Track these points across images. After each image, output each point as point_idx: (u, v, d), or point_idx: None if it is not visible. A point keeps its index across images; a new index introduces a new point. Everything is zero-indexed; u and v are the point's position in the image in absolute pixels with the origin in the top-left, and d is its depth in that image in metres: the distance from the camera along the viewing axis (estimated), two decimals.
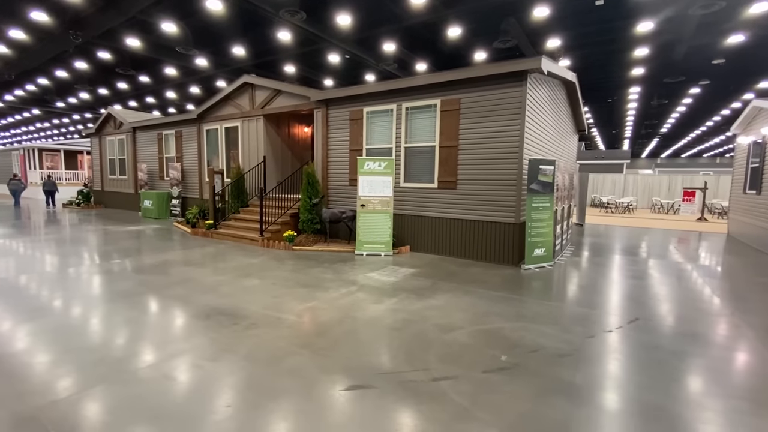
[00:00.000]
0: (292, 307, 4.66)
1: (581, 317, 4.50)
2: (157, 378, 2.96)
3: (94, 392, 2.76)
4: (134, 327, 3.96)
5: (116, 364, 3.18)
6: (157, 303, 4.71)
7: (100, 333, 3.80)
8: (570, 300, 5.16)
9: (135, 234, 10.05)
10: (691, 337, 3.99)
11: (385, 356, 3.41)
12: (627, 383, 3.04)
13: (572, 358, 3.45)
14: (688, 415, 2.63)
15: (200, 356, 3.33)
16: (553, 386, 2.96)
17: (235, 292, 5.22)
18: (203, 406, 2.62)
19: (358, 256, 7.70)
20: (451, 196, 7.73)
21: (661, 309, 4.85)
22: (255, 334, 3.84)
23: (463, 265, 7.13)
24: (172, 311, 4.44)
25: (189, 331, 3.88)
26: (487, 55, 18.01)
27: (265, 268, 6.55)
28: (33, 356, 3.28)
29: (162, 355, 3.33)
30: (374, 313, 4.51)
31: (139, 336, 3.74)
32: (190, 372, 3.06)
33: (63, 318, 4.17)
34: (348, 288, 5.49)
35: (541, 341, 3.81)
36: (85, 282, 5.57)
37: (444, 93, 7.65)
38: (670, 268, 7.12)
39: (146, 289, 5.24)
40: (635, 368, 3.29)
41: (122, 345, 3.53)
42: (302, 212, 8.97)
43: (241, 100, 11.28)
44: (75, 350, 3.41)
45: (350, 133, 9.01)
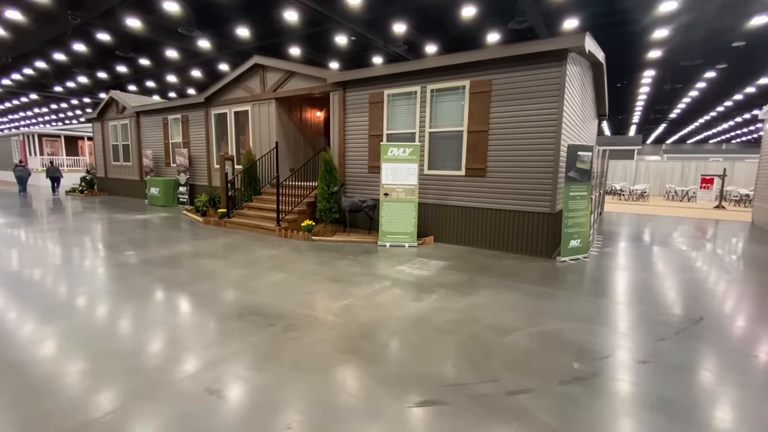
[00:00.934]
0: (327, 305, 4.32)
1: (639, 316, 4.17)
2: (200, 392, 2.63)
3: (133, 410, 2.43)
4: (164, 329, 3.62)
5: (152, 374, 2.84)
6: (183, 300, 4.37)
7: (128, 336, 3.46)
8: (620, 296, 4.83)
9: (145, 223, 9.69)
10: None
11: (446, 364, 3.08)
12: (737, 402, 2.71)
13: (652, 366, 3.12)
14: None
15: (242, 364, 3.00)
16: (647, 402, 2.63)
17: (263, 287, 4.88)
18: (260, 428, 2.29)
19: (381, 247, 7.35)
20: (479, 184, 7.33)
21: (721, 306, 4.52)
22: (295, 337, 3.51)
23: (493, 257, 6.79)
24: (202, 310, 4.10)
25: (224, 333, 3.55)
26: (500, 37, 17.36)
27: (288, 261, 6.21)
28: (58, 365, 2.94)
29: (200, 363, 3.00)
30: (417, 311, 4.18)
31: (171, 339, 3.40)
32: (235, 384, 2.73)
33: (84, 319, 3.84)
34: (381, 283, 5.15)
35: (609, 345, 3.48)
36: (102, 277, 5.22)
37: (474, 74, 7.18)
38: (711, 259, 6.78)
39: (169, 285, 4.90)
40: (733, 380, 2.96)
41: (155, 351, 3.20)
42: (320, 201, 8.58)
43: (251, 83, 10.77)
44: (103, 357, 3.07)
45: (369, 118, 8.56)
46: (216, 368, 2.94)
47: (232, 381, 2.78)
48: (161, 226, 9.37)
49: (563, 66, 6.34)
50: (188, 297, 4.49)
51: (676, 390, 2.78)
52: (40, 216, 10.62)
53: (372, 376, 2.87)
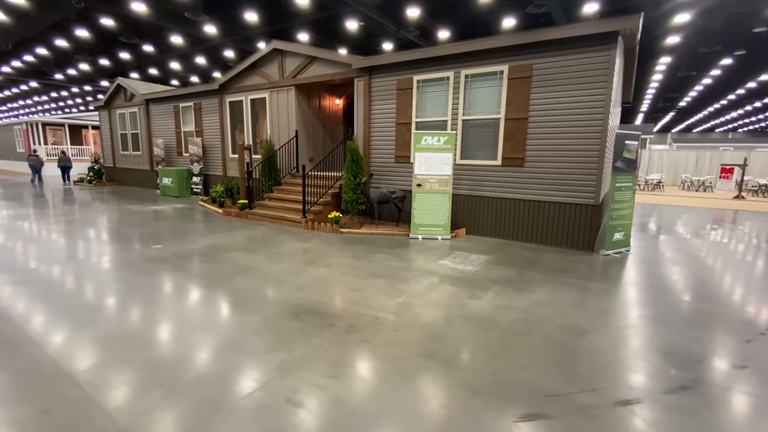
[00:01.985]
0: (382, 303, 4.09)
1: (712, 315, 3.94)
2: (282, 404, 2.40)
3: (215, 429, 2.19)
4: (218, 330, 3.39)
5: (217, 385, 2.61)
6: (229, 298, 4.13)
7: (181, 340, 3.22)
8: (682, 292, 4.59)
9: (163, 214, 9.42)
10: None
11: (534, 370, 2.85)
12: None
13: (752, 371, 2.90)
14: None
15: (315, 371, 2.77)
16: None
17: (308, 283, 4.64)
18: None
19: (413, 240, 7.11)
20: (517, 174, 7.05)
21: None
22: (361, 339, 3.27)
23: (533, 250, 6.55)
24: (253, 309, 3.86)
25: (283, 335, 3.31)
26: (516, 22, 16.87)
27: (324, 254, 5.96)
28: (106, 378, 2.71)
29: (270, 370, 2.77)
30: (479, 310, 3.94)
31: (230, 343, 3.17)
32: (316, 394, 2.50)
33: (124, 322, 3.60)
34: (428, 279, 4.91)
35: (694, 347, 3.25)
36: (136, 273, 4.98)
37: (513, 58, 6.84)
38: (759, 252, 6.54)
39: (209, 281, 4.66)
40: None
41: (214, 355, 2.96)
42: (345, 192, 8.31)
43: (269, 69, 10.39)
44: (156, 367, 2.84)
45: (397, 105, 8.23)
46: (289, 375, 2.71)
47: (312, 390, 2.55)
48: (181, 217, 9.10)
49: (612, 49, 6.01)
50: (234, 295, 4.25)
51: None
52: (56, 207, 10.34)
53: (462, 385, 2.64)
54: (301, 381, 2.65)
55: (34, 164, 16.83)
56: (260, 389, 2.55)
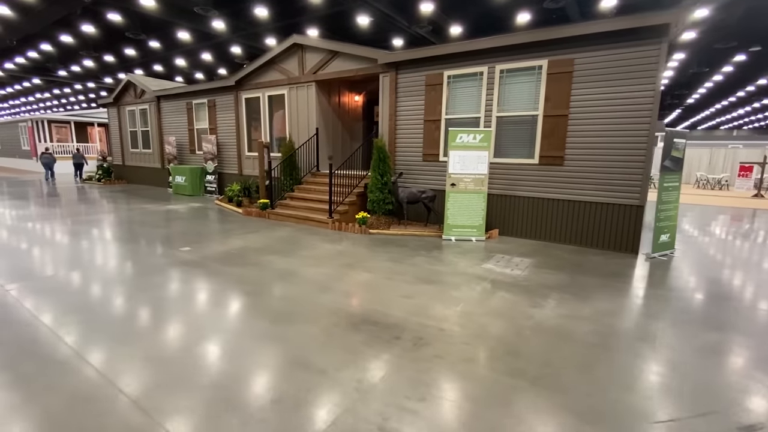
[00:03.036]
0: (440, 312, 3.84)
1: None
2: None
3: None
4: (277, 345, 3.14)
5: (297, 410, 2.36)
6: (278, 307, 3.88)
7: (238, 357, 2.98)
8: (753, 300, 4.34)
9: (181, 214, 9.16)
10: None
11: (634, 392, 2.61)
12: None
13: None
14: None
15: (398, 393, 2.53)
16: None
17: (355, 290, 4.39)
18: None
19: (446, 242, 6.86)
20: (555, 173, 6.79)
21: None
22: (434, 354, 3.03)
23: (575, 252, 6.30)
24: (306, 319, 3.61)
25: (350, 349, 3.07)
26: (530, 18, 16.56)
27: (361, 257, 5.71)
28: (169, 402, 2.46)
29: (347, 392, 2.52)
30: (546, 321, 3.70)
31: (293, 360, 2.92)
32: (409, 424, 2.26)
33: (171, 336, 3.35)
34: (480, 284, 4.66)
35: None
36: (170, 278, 4.73)
37: (553, 52, 6.56)
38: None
39: (250, 287, 4.41)
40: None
41: (283, 376, 2.72)
42: (372, 191, 8.04)
43: (288, 65, 10.10)
44: (222, 389, 2.59)
45: (425, 101, 7.95)
46: (371, 398, 2.47)
47: (403, 417, 2.30)
48: (200, 217, 8.84)
49: (662, 43, 5.74)
50: (282, 302, 4.01)
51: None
52: (70, 207, 10.08)
53: (564, 410, 2.40)
54: (387, 404, 2.41)
55: (47, 162, 16.96)
56: (345, 415, 2.31)
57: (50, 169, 17.39)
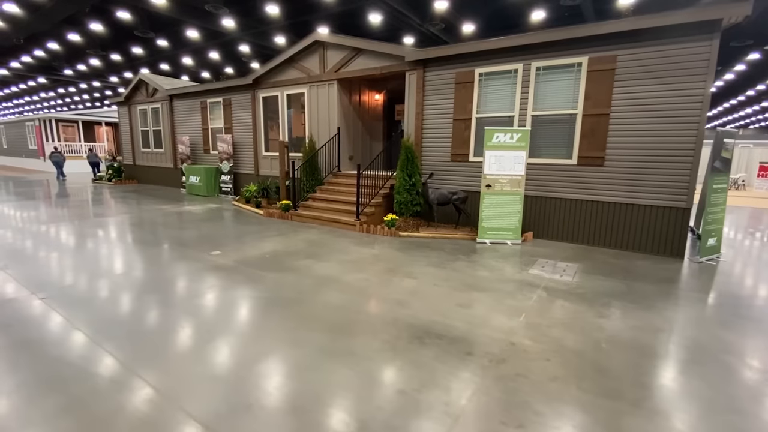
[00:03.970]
0: (504, 323, 3.62)
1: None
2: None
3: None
4: (343, 362, 2.91)
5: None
6: (330, 318, 3.66)
7: (302, 377, 2.75)
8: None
9: (201, 216, 8.93)
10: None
11: (749, 416, 2.38)
12: None
13: None
14: None
15: (493, 419, 2.30)
16: None
17: (405, 298, 4.17)
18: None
19: (481, 245, 6.63)
20: (595, 174, 6.56)
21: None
22: (516, 373, 2.80)
23: (618, 257, 6.07)
24: (364, 331, 3.39)
25: (422, 366, 2.84)
26: (546, 15, 16.33)
27: (399, 262, 5.48)
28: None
29: (439, 417, 2.30)
30: (619, 333, 3.47)
31: (367, 379, 2.69)
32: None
33: (219, 351, 3.13)
34: (534, 292, 4.44)
35: None
36: (205, 286, 4.51)
37: (594, 49, 6.33)
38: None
39: (295, 294, 4.18)
40: None
41: (362, 397, 2.49)
42: (400, 192, 7.82)
43: (308, 63, 9.87)
44: (299, 412, 2.37)
45: (455, 100, 7.72)
46: (468, 425, 2.24)
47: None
48: (221, 219, 8.62)
49: (715, 39, 5.50)
50: (333, 313, 3.78)
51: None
52: (85, 208, 9.86)
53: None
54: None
55: (57, 161, 16.88)
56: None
57: (60, 168, 17.30)
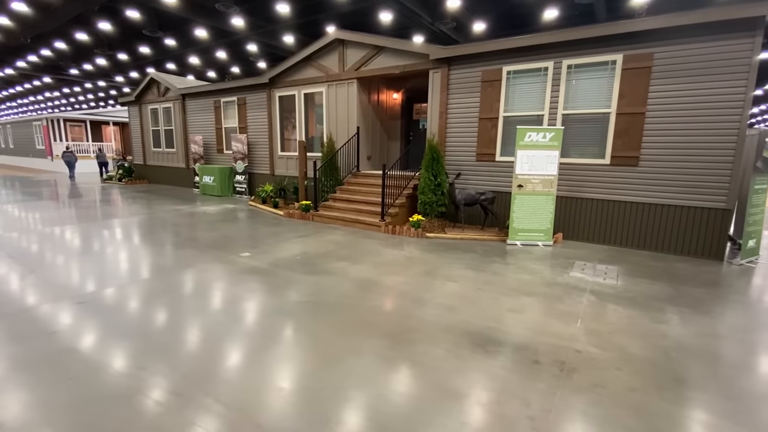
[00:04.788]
0: (563, 329, 3.49)
1: None
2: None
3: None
4: (410, 371, 2.79)
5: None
6: (381, 323, 3.53)
7: (375, 391, 2.63)
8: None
9: (220, 216, 8.81)
10: None
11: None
12: None
13: None
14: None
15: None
16: None
17: (452, 302, 4.04)
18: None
19: (512, 246, 6.50)
20: (629, 174, 6.43)
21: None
22: (593, 383, 2.68)
23: (656, 259, 5.94)
24: (419, 337, 3.26)
25: (494, 377, 2.72)
26: (558, 13, 16.19)
27: (434, 264, 5.36)
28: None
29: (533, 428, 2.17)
30: (684, 340, 3.34)
31: (438, 389, 2.57)
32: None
33: (281, 361, 3.00)
34: (582, 296, 4.31)
35: None
36: (244, 291, 4.38)
37: (629, 46, 6.19)
38: None
39: (338, 299, 4.06)
40: None
41: (440, 416, 2.37)
42: (424, 192, 7.69)
43: (326, 61, 9.74)
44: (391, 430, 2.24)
45: (481, 98, 7.59)
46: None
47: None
48: (240, 220, 8.50)
49: (757, 36, 5.36)
50: (384, 318, 3.66)
51: None
52: (99, 209, 9.75)
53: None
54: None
55: (69, 161, 17.00)
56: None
57: (72, 167, 17.36)
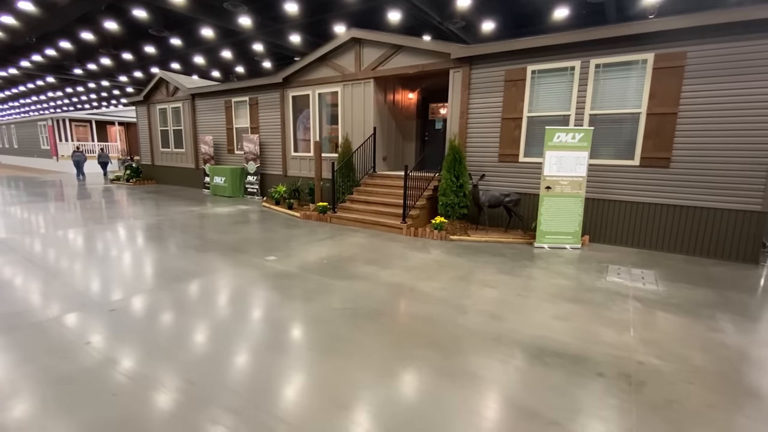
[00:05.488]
0: (618, 339, 3.35)
1: None
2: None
3: None
4: (473, 386, 2.65)
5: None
6: (426, 332, 3.40)
7: (442, 410, 2.49)
8: None
9: (236, 218, 8.67)
10: None
11: None
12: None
13: None
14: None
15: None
16: None
17: (494, 309, 3.90)
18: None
19: (539, 249, 6.37)
20: (660, 176, 6.29)
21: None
22: (666, 398, 2.54)
23: (687, 262, 5.80)
24: (473, 348, 3.12)
25: (562, 392, 2.58)
26: (569, 12, 16.07)
27: (466, 269, 5.22)
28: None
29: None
30: (748, 350, 3.20)
31: (512, 408, 2.43)
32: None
33: (329, 380, 2.86)
34: (626, 303, 4.17)
35: None
36: (277, 297, 4.24)
37: (660, 45, 6.05)
38: None
39: (376, 305, 3.92)
40: None
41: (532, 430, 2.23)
42: (446, 194, 7.54)
43: (342, 61, 9.60)
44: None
45: (504, 98, 7.45)
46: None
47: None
48: (257, 221, 8.36)
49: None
50: (429, 327, 3.52)
51: None
52: (111, 209, 9.61)
53: None
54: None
55: (78, 160, 17.06)
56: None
57: (80, 167, 17.43)
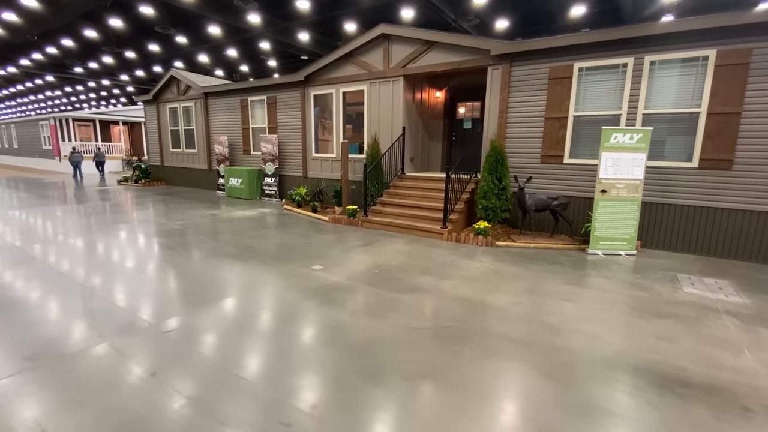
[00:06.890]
0: (736, 362, 3.02)
1: None
2: None
3: None
4: (606, 425, 2.30)
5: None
6: (527, 357, 3.05)
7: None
8: None
9: (262, 222, 8.28)
10: None
11: None
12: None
13: None
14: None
15: None
16: None
17: (586, 328, 3.56)
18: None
19: (592, 256, 6.04)
20: (721, 178, 5.97)
21: None
22: None
23: (756, 270, 5.49)
24: (585, 375, 2.78)
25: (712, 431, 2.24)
26: (585, 10, 15.82)
27: (531, 280, 4.87)
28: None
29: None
30: None
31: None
32: None
33: (444, 419, 2.51)
34: (719, 318, 3.84)
35: None
36: (340, 316, 3.88)
37: (723, 41, 5.73)
38: None
39: (456, 323, 3.56)
40: None
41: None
42: (487, 197, 7.20)
43: (368, 58, 9.23)
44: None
45: (548, 97, 7.11)
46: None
47: None
48: (285, 225, 7.98)
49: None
50: (523, 350, 3.17)
51: None
52: (127, 213, 9.20)
53: None
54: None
55: (76, 161, 16.91)
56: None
57: (78, 168, 17.38)
